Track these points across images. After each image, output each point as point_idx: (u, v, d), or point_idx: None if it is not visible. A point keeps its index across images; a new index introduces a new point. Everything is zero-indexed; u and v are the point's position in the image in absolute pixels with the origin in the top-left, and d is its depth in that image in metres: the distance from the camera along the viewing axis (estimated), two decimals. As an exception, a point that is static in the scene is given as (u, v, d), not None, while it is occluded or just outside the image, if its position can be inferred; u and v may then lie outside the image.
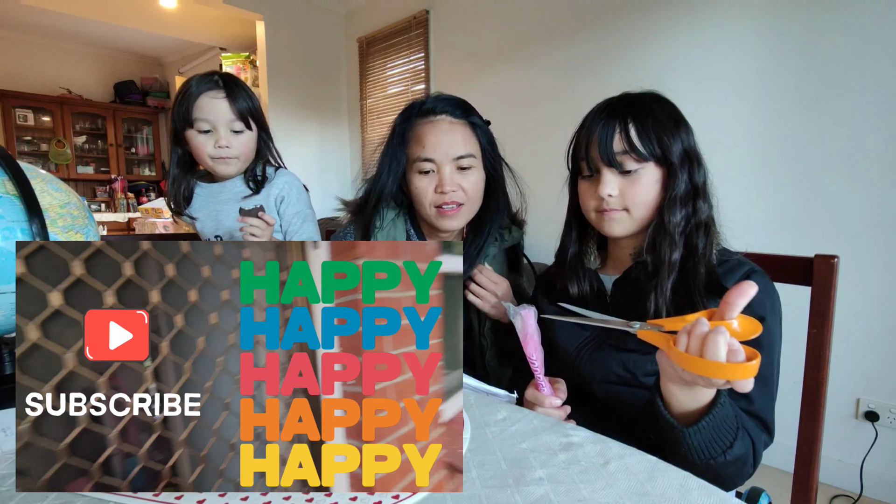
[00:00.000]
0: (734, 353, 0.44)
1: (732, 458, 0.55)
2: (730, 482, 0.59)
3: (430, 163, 0.92)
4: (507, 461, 0.45)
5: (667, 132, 0.69)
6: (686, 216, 0.70)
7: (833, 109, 1.62)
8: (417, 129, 0.94)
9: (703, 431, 0.53)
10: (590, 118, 0.74)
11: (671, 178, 0.69)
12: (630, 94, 0.74)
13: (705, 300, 0.66)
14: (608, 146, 0.69)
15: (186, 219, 1.19)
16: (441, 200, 0.93)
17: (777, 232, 1.74)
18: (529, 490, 0.40)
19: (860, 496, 1.62)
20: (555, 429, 0.52)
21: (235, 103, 1.07)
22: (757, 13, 1.75)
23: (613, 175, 0.71)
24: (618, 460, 0.45)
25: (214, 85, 1.07)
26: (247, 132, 1.11)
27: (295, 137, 3.43)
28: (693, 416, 0.54)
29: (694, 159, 0.71)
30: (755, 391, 0.60)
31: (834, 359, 0.72)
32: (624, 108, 0.71)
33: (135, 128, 5.35)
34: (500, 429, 0.52)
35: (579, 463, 0.44)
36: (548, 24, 2.39)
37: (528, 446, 0.48)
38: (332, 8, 3.49)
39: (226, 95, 1.06)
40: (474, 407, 0.57)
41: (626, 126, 0.69)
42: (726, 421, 0.54)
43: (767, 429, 0.65)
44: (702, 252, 0.68)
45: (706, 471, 0.54)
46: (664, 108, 0.72)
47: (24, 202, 0.51)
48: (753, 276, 0.68)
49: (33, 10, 3.79)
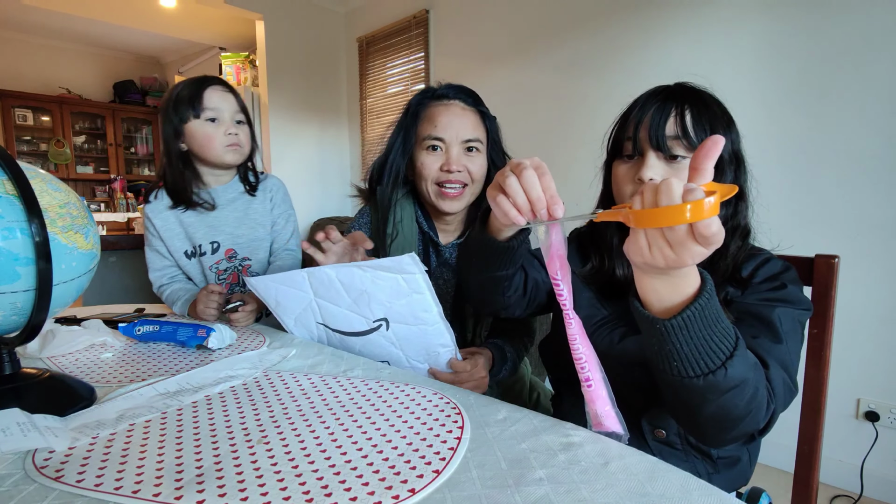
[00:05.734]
0: (690, 191, 0.40)
1: (736, 377, 0.49)
2: (739, 419, 0.52)
3: (440, 141, 0.97)
4: (507, 461, 0.45)
5: (721, 127, 0.68)
6: (725, 216, 0.68)
7: (833, 109, 1.61)
8: (430, 110, 0.99)
9: (691, 326, 0.47)
10: (644, 98, 0.71)
11: (717, 174, 0.67)
12: (689, 85, 0.72)
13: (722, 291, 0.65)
14: (660, 128, 0.66)
15: (164, 218, 1.15)
16: (445, 178, 0.96)
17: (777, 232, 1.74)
18: (529, 490, 0.40)
19: (860, 496, 1.62)
20: (555, 429, 0.51)
21: (237, 97, 1.15)
22: (757, 13, 1.75)
23: (658, 160, 0.67)
24: (618, 460, 0.45)
25: (215, 81, 1.13)
26: (246, 126, 1.16)
27: (295, 137, 3.43)
28: (677, 311, 0.47)
29: (741, 162, 0.70)
30: (767, 343, 0.58)
31: (834, 359, 0.72)
32: (682, 95, 0.69)
33: (134, 127, 5.35)
34: (500, 429, 0.52)
35: (579, 463, 0.44)
36: (548, 23, 2.39)
37: (528, 446, 0.48)
38: (331, 7, 3.49)
39: (231, 92, 1.14)
40: (474, 407, 0.57)
41: (683, 112, 0.67)
42: (717, 319, 0.48)
43: (787, 371, 0.59)
44: (733, 254, 0.67)
45: (708, 393, 0.49)
46: (719, 106, 0.71)
47: (23, 202, 0.51)
48: (772, 261, 0.68)
49: (33, 9, 3.79)
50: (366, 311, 0.81)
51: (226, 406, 0.57)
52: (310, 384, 0.65)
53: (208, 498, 0.39)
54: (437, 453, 0.46)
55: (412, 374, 0.70)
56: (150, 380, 0.67)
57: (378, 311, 0.80)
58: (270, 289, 0.86)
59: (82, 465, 0.44)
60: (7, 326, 0.55)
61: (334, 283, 0.79)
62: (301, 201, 3.26)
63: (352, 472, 0.43)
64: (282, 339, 0.89)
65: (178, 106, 1.09)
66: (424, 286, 0.75)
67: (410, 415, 0.55)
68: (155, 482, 0.41)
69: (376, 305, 0.79)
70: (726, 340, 0.49)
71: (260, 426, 0.52)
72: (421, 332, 0.80)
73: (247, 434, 0.50)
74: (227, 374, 0.68)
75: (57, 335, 0.81)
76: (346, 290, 0.79)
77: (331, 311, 0.84)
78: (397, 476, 0.42)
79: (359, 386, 0.64)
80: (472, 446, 0.48)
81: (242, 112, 1.15)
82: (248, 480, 0.41)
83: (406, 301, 0.77)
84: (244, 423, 0.53)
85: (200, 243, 1.17)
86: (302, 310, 0.86)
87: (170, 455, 0.46)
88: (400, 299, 0.77)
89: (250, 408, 0.57)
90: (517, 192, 0.53)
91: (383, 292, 0.77)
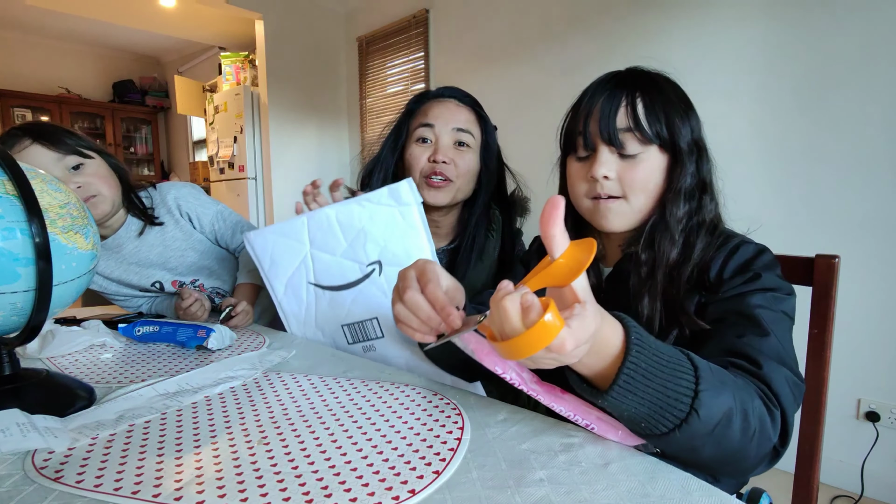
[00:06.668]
0: (528, 310, 0.35)
1: (714, 413, 0.42)
2: (743, 449, 0.45)
3: (430, 129, 0.97)
4: (508, 462, 0.45)
5: (678, 114, 0.62)
6: (689, 212, 0.63)
7: (833, 109, 1.61)
8: (425, 106, 1.00)
9: (635, 386, 0.40)
10: (592, 88, 0.65)
11: (677, 168, 0.62)
12: (640, 69, 0.66)
13: (683, 302, 0.60)
14: (610, 121, 0.61)
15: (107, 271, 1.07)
16: (431, 169, 0.96)
17: (777, 232, 1.74)
18: (530, 491, 0.40)
19: (861, 497, 1.62)
20: (555, 429, 0.51)
21: (60, 142, 0.90)
22: (758, 13, 1.75)
23: (612, 155, 0.62)
24: (618, 461, 0.45)
25: (18, 140, 0.88)
26: (89, 161, 0.93)
27: (294, 137, 3.43)
28: (612, 373, 0.42)
29: (703, 150, 0.65)
30: (755, 340, 0.51)
31: (835, 359, 0.72)
32: (633, 82, 0.63)
33: (133, 127, 5.34)
34: (500, 430, 0.51)
35: (580, 464, 0.44)
36: (547, 23, 2.39)
37: (528, 447, 0.47)
38: (331, 7, 3.48)
39: (34, 142, 0.88)
40: (475, 408, 0.57)
41: (634, 101, 0.61)
42: (660, 363, 0.42)
43: (786, 365, 0.51)
44: (698, 256, 0.61)
45: (692, 441, 0.43)
46: (676, 90, 0.65)
47: (23, 202, 0.50)
48: (741, 249, 0.61)
49: (32, 9, 3.78)
50: (360, 253, 0.82)
51: (225, 407, 0.57)
52: (309, 385, 0.64)
53: (208, 499, 0.39)
54: (437, 454, 0.46)
55: (412, 374, 0.69)
56: (150, 380, 0.66)
57: (373, 253, 0.82)
58: (268, 243, 0.87)
59: (82, 465, 0.44)
60: (7, 327, 0.55)
61: (332, 226, 0.82)
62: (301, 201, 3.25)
63: (352, 472, 0.43)
64: (282, 339, 0.89)
65: None
66: (419, 220, 0.76)
67: (410, 415, 0.54)
68: (154, 483, 0.41)
69: (371, 246, 0.81)
70: (682, 379, 0.42)
71: (260, 427, 0.52)
72: None
73: (246, 435, 0.50)
74: (227, 375, 0.68)
75: (56, 336, 0.81)
76: (343, 231, 0.82)
77: (324, 263, 0.84)
78: (397, 477, 0.42)
79: (358, 387, 0.64)
80: (472, 447, 0.48)
81: (74, 153, 0.91)
82: (248, 481, 0.41)
83: (401, 239, 0.79)
84: (244, 424, 0.52)
85: (151, 283, 1.10)
86: (295, 268, 0.87)
87: (169, 456, 0.46)
88: (395, 235, 0.79)
89: (250, 409, 0.57)
90: (408, 318, 0.51)
91: (379, 229, 0.79)
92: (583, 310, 0.37)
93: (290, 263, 0.87)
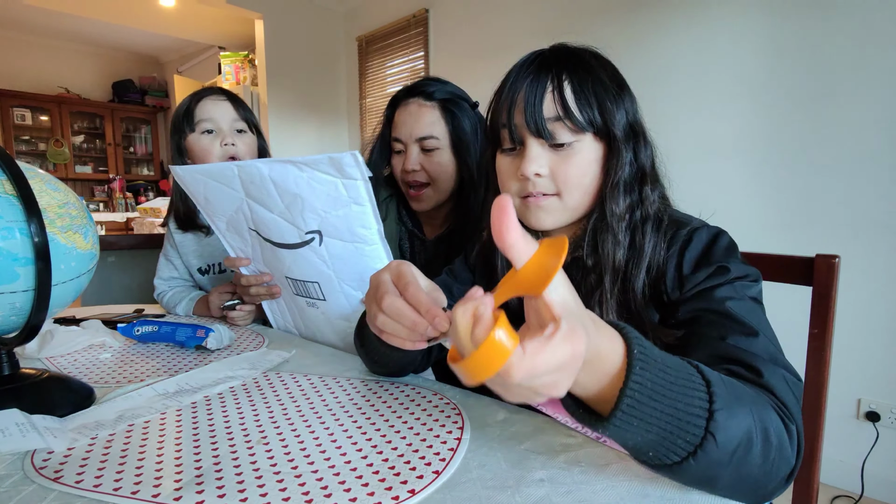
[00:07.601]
0: (477, 322, 0.29)
1: (732, 435, 0.35)
2: (766, 474, 0.39)
3: (399, 143, 0.98)
4: (508, 462, 0.45)
5: (610, 97, 0.56)
6: (630, 206, 0.57)
7: (833, 109, 1.61)
8: (396, 112, 1.01)
9: (641, 411, 0.33)
10: (514, 72, 0.58)
11: (613, 157, 0.57)
12: (566, 46, 0.59)
13: (644, 311, 0.55)
14: (537, 110, 0.55)
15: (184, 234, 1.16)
16: (405, 179, 0.98)
17: (777, 232, 1.74)
18: (530, 491, 0.40)
19: (861, 497, 1.63)
20: (555, 429, 0.51)
21: (237, 106, 1.09)
22: (757, 13, 1.75)
23: (542, 148, 0.57)
24: (619, 461, 0.45)
25: (212, 91, 1.09)
26: (249, 133, 1.10)
27: (294, 136, 3.43)
28: (612, 395, 0.34)
29: (640, 134, 0.59)
30: (742, 340, 0.46)
31: (835, 359, 0.72)
32: (558, 63, 0.56)
33: (133, 127, 5.34)
34: (500, 429, 0.51)
35: (580, 464, 0.44)
36: (547, 22, 2.39)
37: (528, 447, 0.47)
38: (331, 7, 3.48)
39: (227, 99, 1.09)
40: (474, 407, 0.57)
41: (561, 85, 0.55)
42: (668, 381, 0.34)
43: (780, 364, 0.47)
44: (649, 256, 0.56)
45: (710, 469, 0.36)
46: (606, 69, 0.58)
47: (22, 202, 0.50)
48: (695, 238, 0.56)
49: (32, 9, 3.78)
50: (298, 219, 0.75)
51: (225, 407, 0.57)
52: (309, 385, 0.64)
53: (207, 499, 0.39)
54: (436, 454, 0.46)
55: (412, 374, 0.69)
56: (149, 380, 0.66)
57: (312, 222, 0.74)
58: (199, 182, 0.81)
59: (81, 465, 0.44)
60: (6, 327, 0.55)
61: (266, 183, 0.73)
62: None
63: (351, 472, 0.42)
64: (281, 339, 0.89)
65: (176, 122, 1.06)
66: (366, 196, 0.68)
67: (410, 415, 0.54)
68: (154, 483, 0.41)
69: (310, 214, 0.73)
70: (693, 398, 0.35)
71: (259, 427, 0.52)
72: (357, 251, 0.74)
73: (246, 435, 0.50)
74: (227, 375, 0.68)
75: (56, 335, 0.81)
76: (278, 192, 0.73)
77: (262, 217, 0.79)
78: (397, 477, 0.42)
79: (358, 386, 0.64)
80: (472, 447, 0.48)
81: (244, 120, 1.09)
82: (248, 481, 0.41)
83: (343, 212, 0.71)
84: (243, 424, 0.52)
85: (215, 262, 1.17)
86: (234, 211, 0.82)
87: (169, 456, 0.45)
88: (337, 209, 0.70)
89: (249, 408, 0.57)
90: (395, 328, 0.45)
91: (319, 199, 0.70)
92: (554, 329, 0.28)
93: (227, 206, 0.82)
